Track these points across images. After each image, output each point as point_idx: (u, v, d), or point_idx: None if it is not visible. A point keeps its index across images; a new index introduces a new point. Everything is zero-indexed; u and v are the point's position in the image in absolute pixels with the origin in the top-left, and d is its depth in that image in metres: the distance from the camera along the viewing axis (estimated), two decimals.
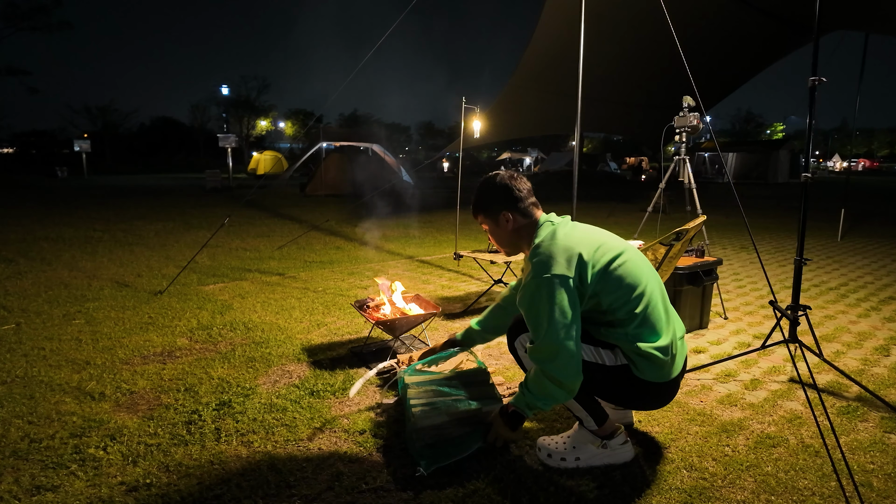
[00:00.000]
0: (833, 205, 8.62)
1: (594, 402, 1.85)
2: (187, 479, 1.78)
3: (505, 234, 1.92)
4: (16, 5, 28.77)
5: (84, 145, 28.90)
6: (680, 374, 1.81)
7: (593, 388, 1.81)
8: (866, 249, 6.73)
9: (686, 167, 3.95)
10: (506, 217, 1.89)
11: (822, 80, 2.48)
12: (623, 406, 1.95)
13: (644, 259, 1.85)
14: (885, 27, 7.64)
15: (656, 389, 1.76)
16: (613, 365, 1.74)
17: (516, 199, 1.88)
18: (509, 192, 1.88)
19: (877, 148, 65.78)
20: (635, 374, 1.72)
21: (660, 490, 1.74)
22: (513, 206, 1.88)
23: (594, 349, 1.76)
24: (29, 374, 2.62)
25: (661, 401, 1.85)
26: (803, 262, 2.62)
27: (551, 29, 8.22)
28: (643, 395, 1.78)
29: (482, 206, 1.94)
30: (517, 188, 1.89)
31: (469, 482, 1.77)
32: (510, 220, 1.89)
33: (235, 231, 7.80)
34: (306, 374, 2.66)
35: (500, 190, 1.89)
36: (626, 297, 1.71)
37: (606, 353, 1.74)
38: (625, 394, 1.81)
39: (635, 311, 1.71)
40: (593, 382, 1.77)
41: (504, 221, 1.90)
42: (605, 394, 1.84)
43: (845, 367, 2.80)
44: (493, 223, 1.93)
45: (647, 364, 1.71)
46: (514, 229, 1.90)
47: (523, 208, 1.89)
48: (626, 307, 1.71)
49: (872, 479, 1.81)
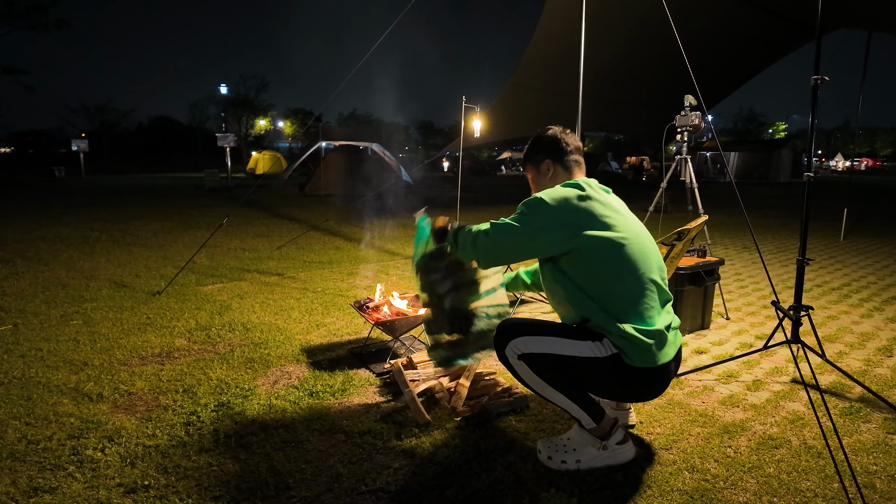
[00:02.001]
0: (836, 204, 8.61)
1: (588, 399, 1.84)
2: (186, 481, 1.77)
3: (543, 184, 1.99)
4: (13, 4, 28.59)
5: (82, 145, 28.73)
6: (672, 363, 1.80)
7: (587, 384, 1.80)
8: (869, 249, 6.72)
9: (688, 166, 3.93)
10: (547, 166, 1.98)
11: (824, 78, 2.47)
12: (617, 399, 1.95)
13: (654, 250, 1.85)
14: (887, 25, 7.62)
15: (647, 376, 1.75)
16: (604, 356, 1.74)
17: (560, 150, 1.96)
18: (556, 143, 1.97)
19: (879, 147, 65.57)
20: (625, 363, 1.72)
21: (661, 492, 1.73)
22: (556, 156, 1.97)
23: (584, 343, 1.75)
24: (26, 375, 2.61)
25: (653, 389, 1.84)
26: (806, 262, 2.60)
27: (552, 27, 8.22)
28: (634, 383, 1.77)
29: (530, 155, 2.04)
30: (564, 141, 1.97)
31: (470, 484, 1.76)
32: (550, 170, 1.98)
33: (234, 231, 7.79)
34: (305, 374, 2.65)
35: (548, 140, 1.99)
36: (621, 276, 1.73)
37: (596, 346, 1.74)
38: (617, 385, 1.80)
39: (627, 293, 1.73)
40: (586, 377, 1.77)
41: (545, 170, 1.99)
42: (598, 387, 1.83)
43: (848, 367, 2.78)
44: (536, 171, 2.02)
45: (634, 349, 1.70)
46: (552, 179, 1.97)
47: (565, 161, 1.97)
48: (618, 286, 1.72)
49: (875, 481, 1.80)
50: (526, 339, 1.77)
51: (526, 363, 1.77)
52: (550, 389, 1.78)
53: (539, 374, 1.77)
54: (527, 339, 1.77)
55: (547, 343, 1.75)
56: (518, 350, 1.77)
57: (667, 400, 2.39)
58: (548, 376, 1.76)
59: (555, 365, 1.75)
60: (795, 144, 27.47)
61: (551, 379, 1.77)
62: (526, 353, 1.76)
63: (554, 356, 1.74)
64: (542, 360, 1.75)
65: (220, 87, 52.14)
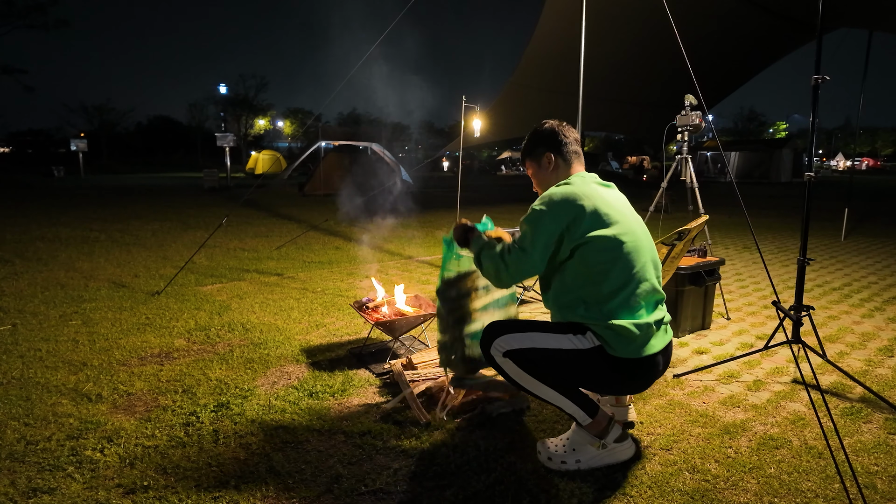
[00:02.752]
0: (836, 204, 8.60)
1: (579, 394, 1.84)
2: (185, 482, 1.77)
3: (545, 177, 2.00)
4: (12, 3, 28.59)
5: (81, 144, 28.69)
6: (659, 356, 1.80)
7: (574, 377, 1.81)
8: (870, 249, 6.71)
9: (688, 166, 3.93)
10: (548, 158, 1.98)
11: (825, 78, 2.46)
12: (604, 392, 1.96)
13: (651, 248, 1.86)
14: (888, 25, 7.61)
15: (631, 367, 1.76)
16: (587, 348, 1.75)
17: (560, 142, 1.97)
18: (554, 135, 1.98)
19: (880, 147, 65.51)
20: (609, 354, 1.73)
21: (662, 492, 1.73)
22: (556, 148, 1.97)
23: (566, 336, 1.77)
24: (25, 376, 2.60)
25: (639, 381, 1.85)
26: (806, 262, 2.60)
27: (552, 26, 8.21)
28: (619, 374, 1.78)
29: (529, 149, 2.04)
30: (563, 133, 1.98)
31: (470, 485, 1.76)
32: (552, 162, 1.98)
33: (233, 231, 7.78)
34: (305, 375, 2.64)
35: (547, 133, 1.99)
36: (615, 274, 1.74)
37: (578, 339, 1.76)
38: (602, 377, 1.81)
39: (619, 290, 1.73)
40: (572, 370, 1.78)
41: (546, 163, 1.99)
42: (585, 380, 1.84)
43: (849, 368, 2.78)
44: (537, 165, 2.02)
45: (618, 340, 1.72)
46: (553, 171, 1.98)
47: (565, 153, 1.97)
48: (610, 283, 1.73)
49: (876, 481, 1.80)
50: (509, 336, 1.79)
51: (512, 360, 1.78)
52: (539, 385, 1.79)
53: (526, 370, 1.78)
54: (510, 336, 1.79)
55: (530, 338, 1.77)
56: (502, 347, 1.78)
57: (667, 400, 2.38)
58: (535, 371, 1.77)
59: (540, 359, 1.76)
60: (796, 144, 27.46)
61: (538, 374, 1.78)
62: (510, 349, 1.77)
63: (538, 350, 1.76)
64: (526, 355, 1.76)
65: (220, 87, 52.19)
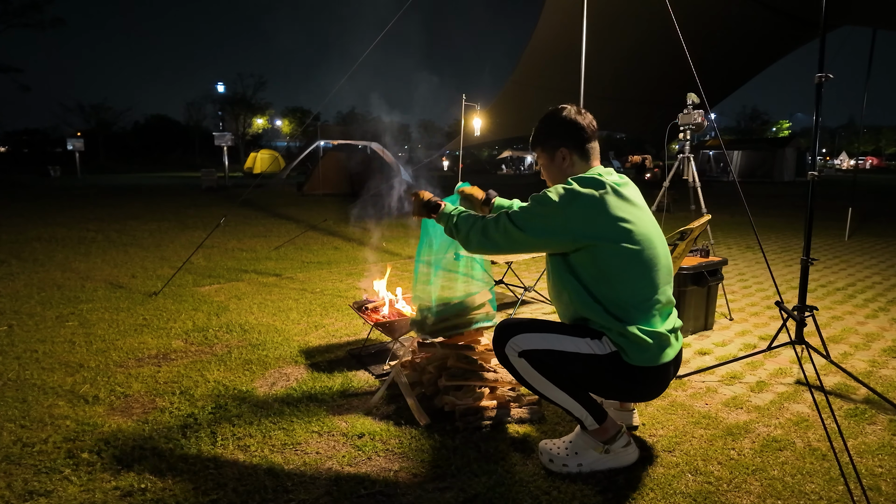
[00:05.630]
0: (840, 203, 8.57)
1: (590, 399, 1.82)
2: (183, 484, 1.75)
3: (557, 174, 1.84)
4: (7, 1, 28.58)
5: (77, 144, 28.58)
6: (671, 365, 1.77)
7: (587, 382, 1.78)
8: (874, 249, 6.69)
9: (690, 165, 3.91)
10: (562, 154, 1.82)
11: (828, 76, 2.44)
12: (616, 398, 1.93)
13: (665, 254, 1.81)
14: (892, 23, 7.58)
15: (645, 375, 1.73)
16: (603, 353, 1.72)
17: (579, 137, 1.80)
18: (574, 128, 1.80)
19: (884, 146, 65.33)
20: (624, 361, 1.70)
21: (664, 494, 1.71)
22: (573, 143, 1.80)
23: (583, 340, 1.73)
24: (21, 377, 2.58)
25: (652, 389, 1.82)
26: (810, 261, 2.58)
27: (553, 25, 8.19)
28: (633, 382, 1.75)
29: (540, 139, 1.87)
30: (582, 125, 1.80)
31: (470, 487, 1.74)
32: (566, 159, 1.82)
33: (231, 231, 7.75)
34: (304, 376, 2.62)
35: (566, 124, 1.81)
36: (630, 281, 1.69)
37: (595, 343, 1.72)
38: (616, 383, 1.78)
39: (633, 296, 1.70)
40: (586, 374, 1.75)
41: (560, 159, 1.83)
42: (598, 386, 1.81)
43: (853, 368, 2.76)
44: (549, 159, 1.86)
45: (634, 348, 1.68)
46: (567, 169, 1.82)
47: (585, 149, 1.81)
48: (625, 289, 1.69)
49: (881, 483, 1.78)
50: (525, 335, 1.75)
51: (527, 360, 1.74)
52: (552, 387, 1.76)
53: (540, 371, 1.74)
54: (526, 335, 1.75)
55: (547, 339, 1.74)
56: (518, 347, 1.75)
57: (669, 402, 2.37)
58: (549, 373, 1.74)
59: (555, 361, 1.73)
60: (799, 143, 27.43)
61: (552, 376, 1.74)
62: (526, 349, 1.74)
63: (554, 352, 1.72)
64: (542, 356, 1.73)
65: (218, 86, 52.07)
